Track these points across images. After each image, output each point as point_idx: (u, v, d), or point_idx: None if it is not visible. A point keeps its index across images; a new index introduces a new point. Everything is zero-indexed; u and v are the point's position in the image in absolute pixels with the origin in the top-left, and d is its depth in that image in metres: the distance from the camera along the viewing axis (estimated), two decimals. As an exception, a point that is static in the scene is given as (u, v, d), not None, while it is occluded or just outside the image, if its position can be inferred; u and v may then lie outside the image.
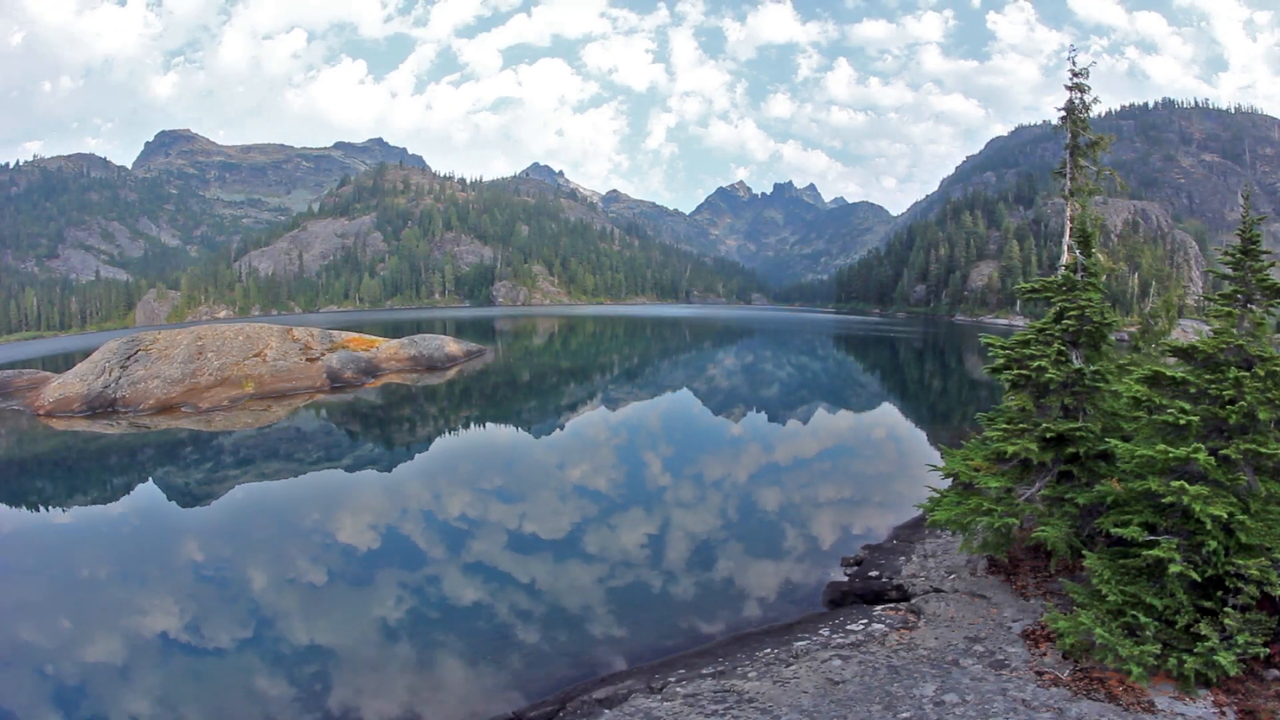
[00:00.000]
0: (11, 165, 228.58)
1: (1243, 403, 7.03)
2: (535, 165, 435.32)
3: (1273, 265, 7.84)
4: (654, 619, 10.14)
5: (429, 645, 9.52)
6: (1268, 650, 6.54)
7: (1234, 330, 7.55)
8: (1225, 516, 6.62)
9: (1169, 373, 7.70)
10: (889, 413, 29.30)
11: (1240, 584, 6.61)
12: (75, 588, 11.97)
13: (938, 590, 9.86)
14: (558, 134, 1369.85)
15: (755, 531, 13.90)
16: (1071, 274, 10.14)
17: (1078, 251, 10.42)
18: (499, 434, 24.80)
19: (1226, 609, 6.62)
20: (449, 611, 10.57)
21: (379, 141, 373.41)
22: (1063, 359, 9.55)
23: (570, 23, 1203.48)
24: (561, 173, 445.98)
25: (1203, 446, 6.90)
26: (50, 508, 17.21)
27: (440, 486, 18.11)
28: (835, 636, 8.82)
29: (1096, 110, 11.82)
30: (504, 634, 9.74)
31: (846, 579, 11.08)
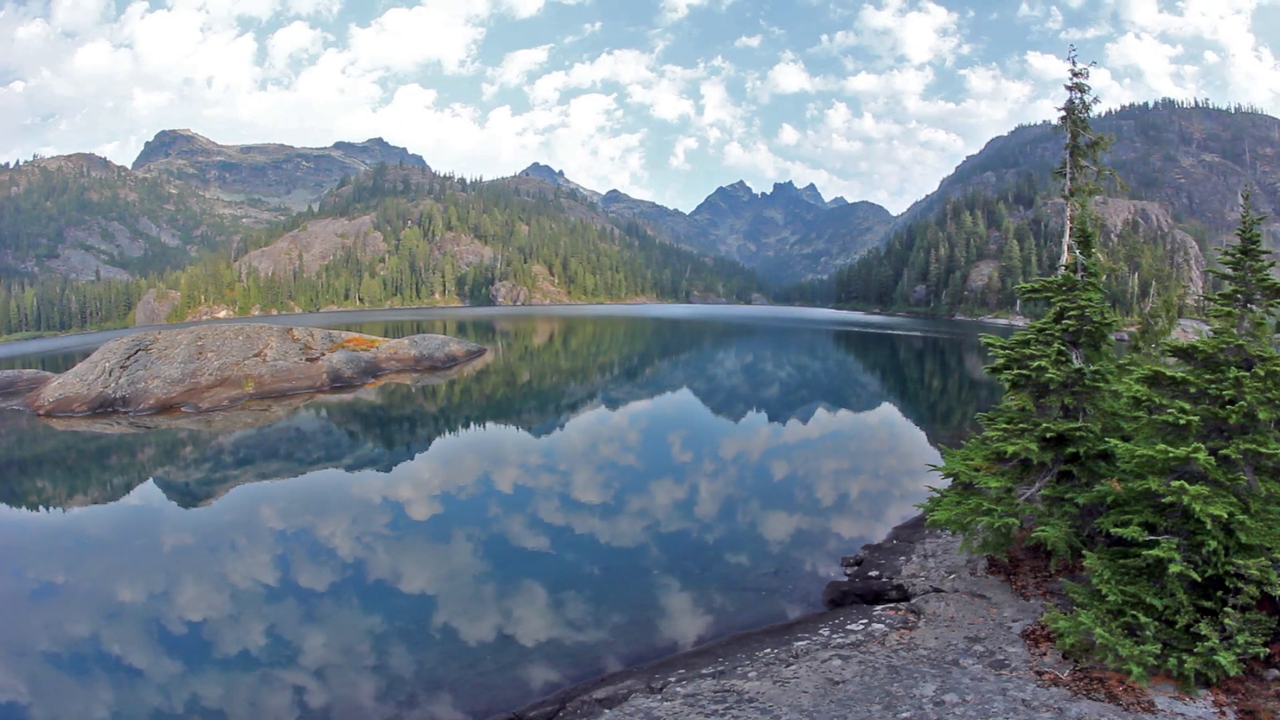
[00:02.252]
0: (11, 165, 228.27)
1: (1243, 403, 7.04)
2: (535, 165, 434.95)
3: (1273, 265, 7.84)
4: (654, 619, 10.14)
5: (428, 646, 9.52)
6: (1268, 650, 6.54)
7: (1234, 330, 7.55)
8: (1225, 516, 6.62)
9: (1169, 373, 7.70)
10: (889, 412, 29.28)
11: (1240, 584, 6.61)
12: (74, 586, 11.97)
13: (938, 590, 9.86)
14: (591, 153, 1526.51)
15: (755, 531, 13.90)
16: (1071, 274, 10.15)
17: (1078, 251, 10.44)
18: (499, 434, 24.79)
19: (1226, 609, 6.62)
20: (448, 612, 10.57)
21: (379, 141, 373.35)
22: (1063, 359, 9.56)
23: (624, 71, 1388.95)
24: (561, 172, 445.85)
25: (1203, 446, 6.90)
26: (50, 508, 17.21)
27: (440, 487, 18.11)
28: (835, 636, 8.82)
29: (1096, 110, 11.83)
30: (504, 634, 9.74)
31: (846, 579, 11.08)
